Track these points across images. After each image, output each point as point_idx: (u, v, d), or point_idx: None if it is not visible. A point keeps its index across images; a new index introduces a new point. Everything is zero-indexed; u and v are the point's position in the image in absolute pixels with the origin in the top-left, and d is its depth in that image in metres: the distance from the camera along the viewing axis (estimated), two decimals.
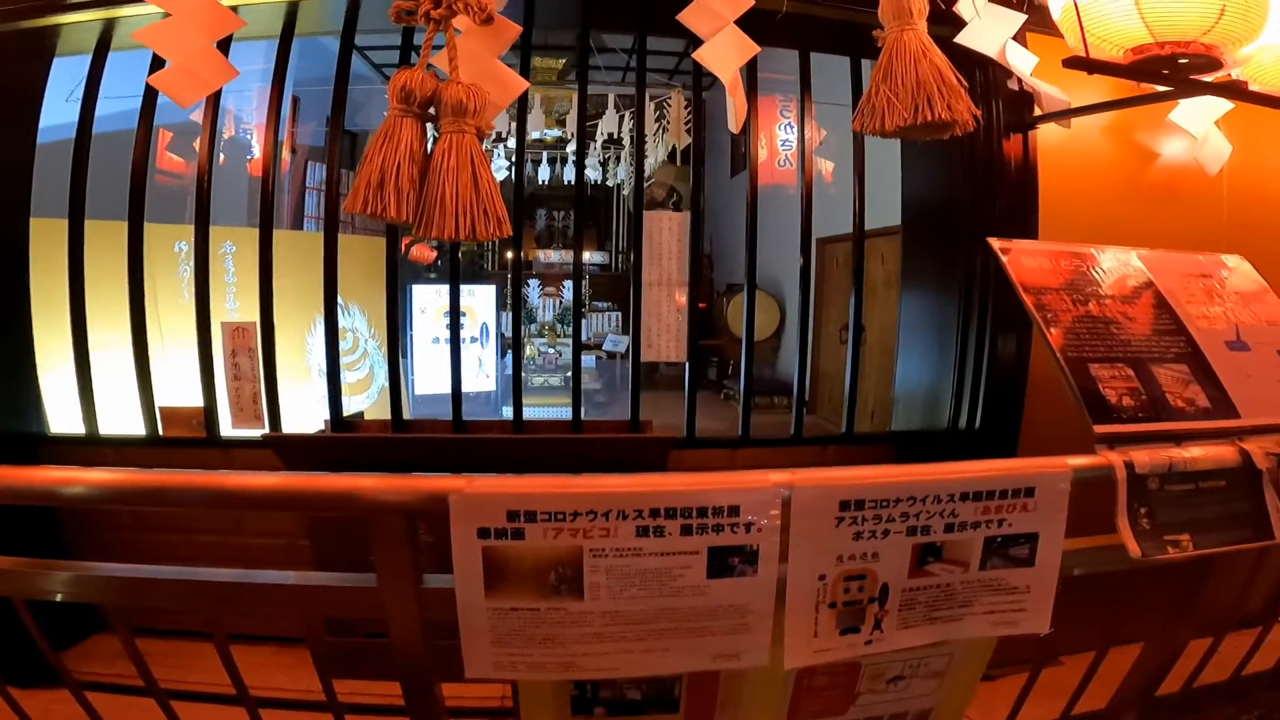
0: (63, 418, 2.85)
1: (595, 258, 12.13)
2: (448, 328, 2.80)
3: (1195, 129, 2.63)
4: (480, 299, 7.68)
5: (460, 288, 2.86)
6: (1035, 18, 2.03)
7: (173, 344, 3.53)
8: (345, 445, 2.50)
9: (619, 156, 9.63)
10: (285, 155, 7.08)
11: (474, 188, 1.27)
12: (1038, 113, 2.56)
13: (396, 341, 2.80)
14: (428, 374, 6.87)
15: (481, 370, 7.55)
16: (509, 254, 10.23)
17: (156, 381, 2.77)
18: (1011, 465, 1.15)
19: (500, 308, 7.80)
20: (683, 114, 6.70)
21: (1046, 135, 2.66)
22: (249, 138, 6.39)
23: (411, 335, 6.98)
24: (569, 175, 9.35)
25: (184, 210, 4.54)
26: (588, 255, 11.78)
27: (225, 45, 2.18)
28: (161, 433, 2.77)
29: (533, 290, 10.65)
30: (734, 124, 1.86)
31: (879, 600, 1.14)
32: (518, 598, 1.04)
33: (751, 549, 1.05)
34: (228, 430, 2.79)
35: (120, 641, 1.23)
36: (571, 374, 2.92)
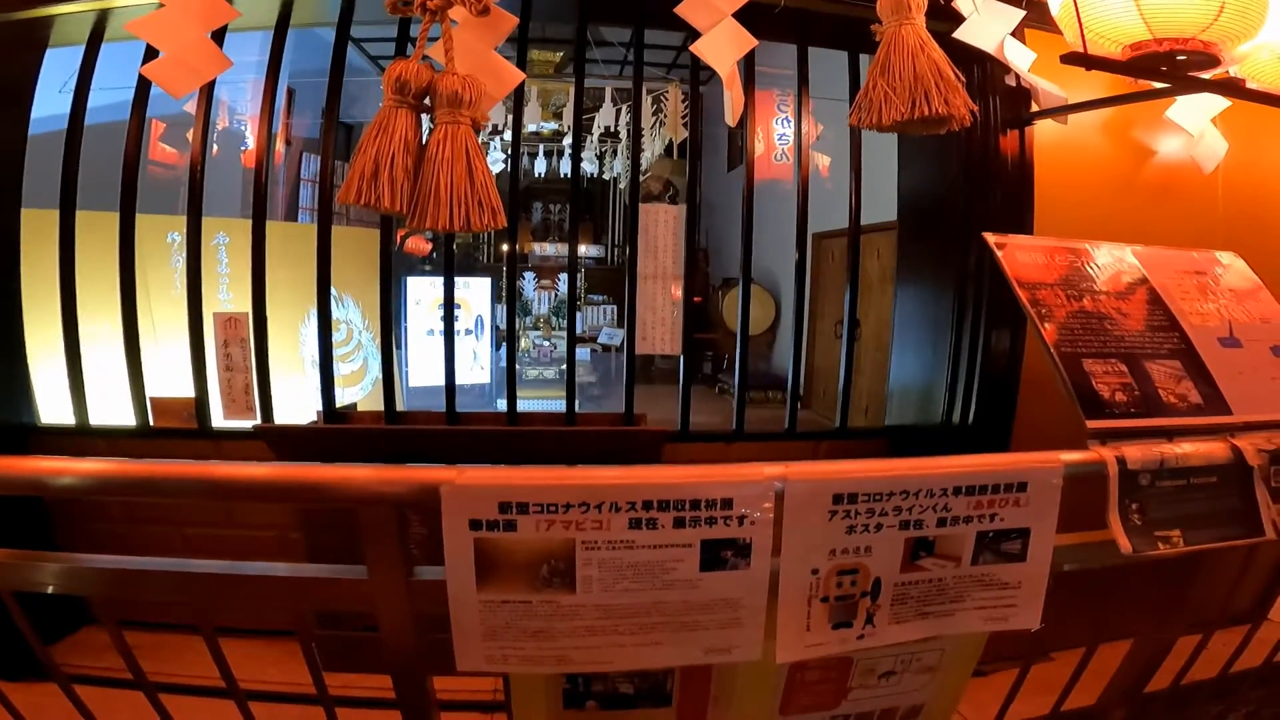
0: (53, 408, 2.84)
1: (591, 251, 12.12)
2: (443, 320, 2.79)
3: (1192, 126, 2.63)
4: (475, 291, 7.68)
5: (455, 280, 2.86)
6: (1034, 14, 2.02)
7: (165, 335, 3.52)
8: (337, 436, 2.50)
9: (616, 150, 9.61)
10: (280, 147, 7.04)
11: (469, 179, 1.26)
12: (1035, 109, 2.56)
13: (390, 333, 2.79)
14: (422, 366, 6.88)
15: (476, 363, 7.55)
16: (505, 247, 10.22)
17: (148, 372, 2.76)
18: (1004, 460, 1.15)
19: (495, 300, 7.79)
20: (680, 108, 6.69)
21: (1043, 131, 2.66)
22: (243, 129, 6.35)
23: (406, 327, 6.97)
24: (566, 168, 9.33)
25: (177, 201, 4.52)
26: (583, 248, 11.78)
27: (220, 36, 2.18)
28: (153, 423, 2.76)
29: (528, 283, 10.63)
30: (731, 118, 1.86)
31: (871, 595, 1.14)
32: (509, 590, 1.03)
33: (744, 542, 1.05)
34: (219, 421, 2.78)
35: (108, 634, 1.22)
36: (566, 367, 2.91)
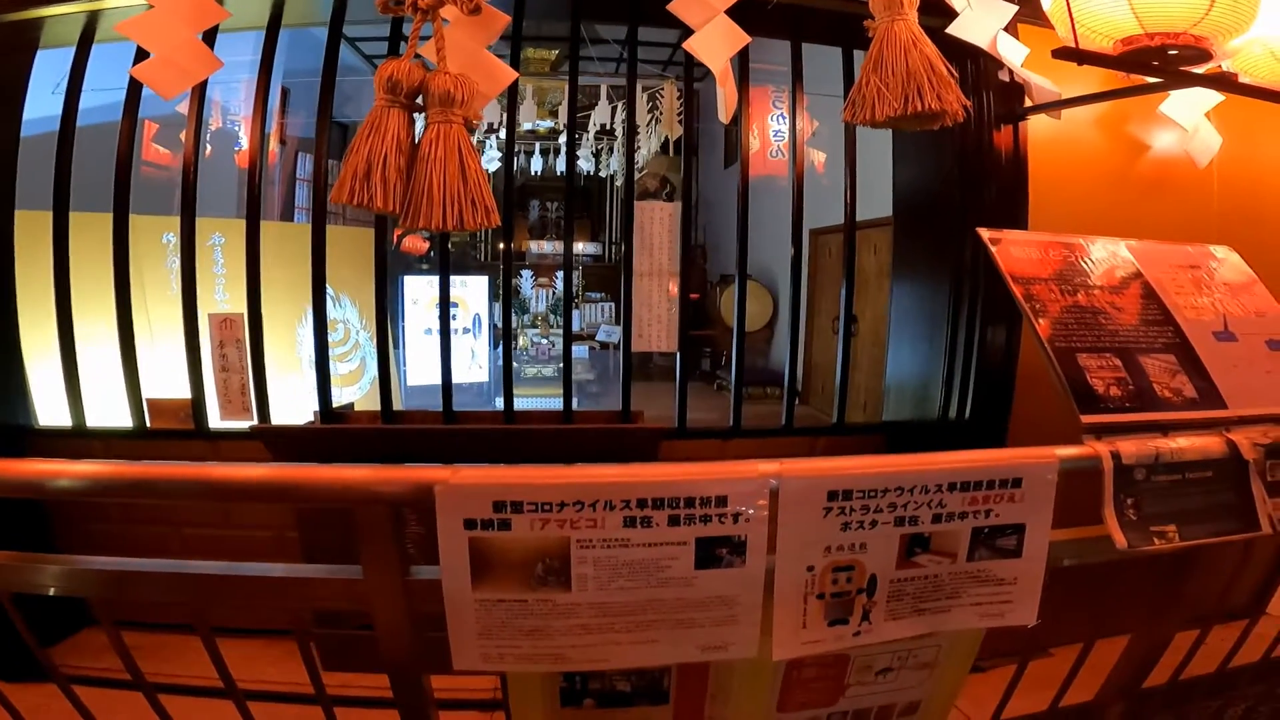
0: (50, 410, 2.84)
1: (588, 249, 12.09)
2: (440, 318, 2.79)
3: (1186, 121, 2.63)
4: (472, 290, 7.67)
5: (452, 279, 2.85)
6: (1026, 9, 2.02)
7: (161, 336, 3.51)
8: (333, 437, 2.50)
9: (612, 147, 9.60)
10: (274, 147, 7.03)
11: (461, 178, 1.26)
12: (1028, 104, 2.56)
13: (386, 333, 2.79)
14: (420, 365, 6.87)
15: (474, 361, 7.55)
16: (501, 245, 10.21)
17: (144, 373, 2.75)
18: (998, 455, 1.16)
19: (493, 299, 7.79)
20: (675, 105, 6.68)
21: (1037, 126, 2.66)
22: (237, 129, 6.34)
23: (403, 326, 6.97)
24: (562, 166, 9.32)
25: (172, 202, 4.51)
26: (581, 246, 11.75)
27: (211, 36, 2.17)
28: (149, 425, 2.75)
29: (525, 281, 10.62)
30: (724, 114, 1.86)
31: (867, 591, 1.14)
32: (505, 589, 1.03)
33: (739, 539, 1.05)
34: (216, 422, 2.78)
35: (106, 635, 1.22)
36: (563, 365, 2.91)
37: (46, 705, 1.29)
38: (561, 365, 3.05)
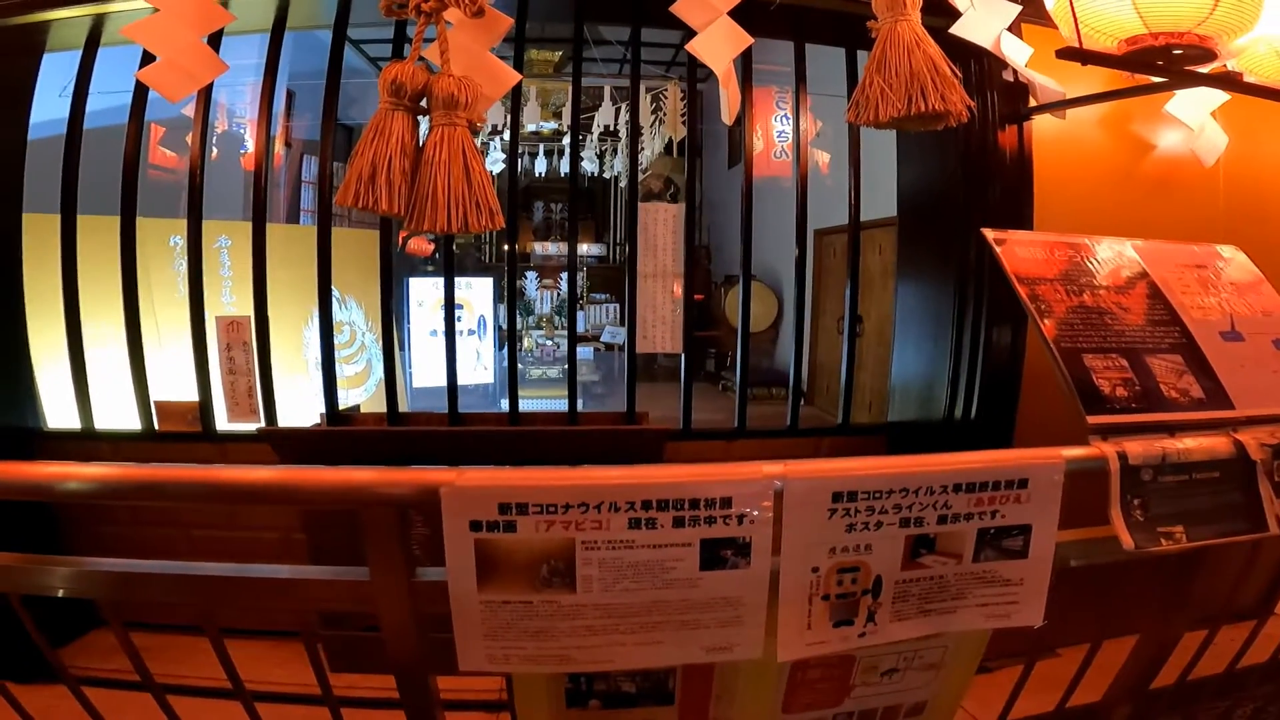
0: (59, 412, 2.85)
1: (593, 250, 12.09)
2: (445, 320, 2.79)
3: (1191, 120, 2.63)
4: (477, 292, 7.67)
5: (456, 280, 2.86)
6: (1030, 9, 2.02)
7: (169, 338, 3.52)
8: (340, 439, 2.50)
9: (616, 149, 9.60)
10: (280, 149, 7.05)
11: (466, 180, 1.27)
12: (1032, 104, 2.55)
13: (392, 334, 2.80)
14: (426, 367, 6.88)
15: (479, 363, 7.56)
16: (506, 247, 10.21)
17: (152, 376, 2.77)
18: (1004, 456, 1.15)
19: (498, 300, 7.79)
20: (679, 105, 6.68)
21: (1041, 126, 2.65)
22: (243, 132, 6.36)
23: (409, 328, 6.98)
24: (566, 168, 9.32)
25: (179, 204, 4.53)
26: (585, 247, 11.75)
27: (217, 39, 2.18)
28: (157, 427, 2.77)
29: (530, 283, 10.62)
30: (727, 116, 1.86)
31: (872, 592, 1.14)
32: (510, 590, 1.04)
33: (744, 541, 1.05)
34: (223, 424, 2.79)
35: (115, 636, 1.23)
36: (568, 366, 2.92)
37: (56, 706, 1.30)
38: (566, 367, 3.05)
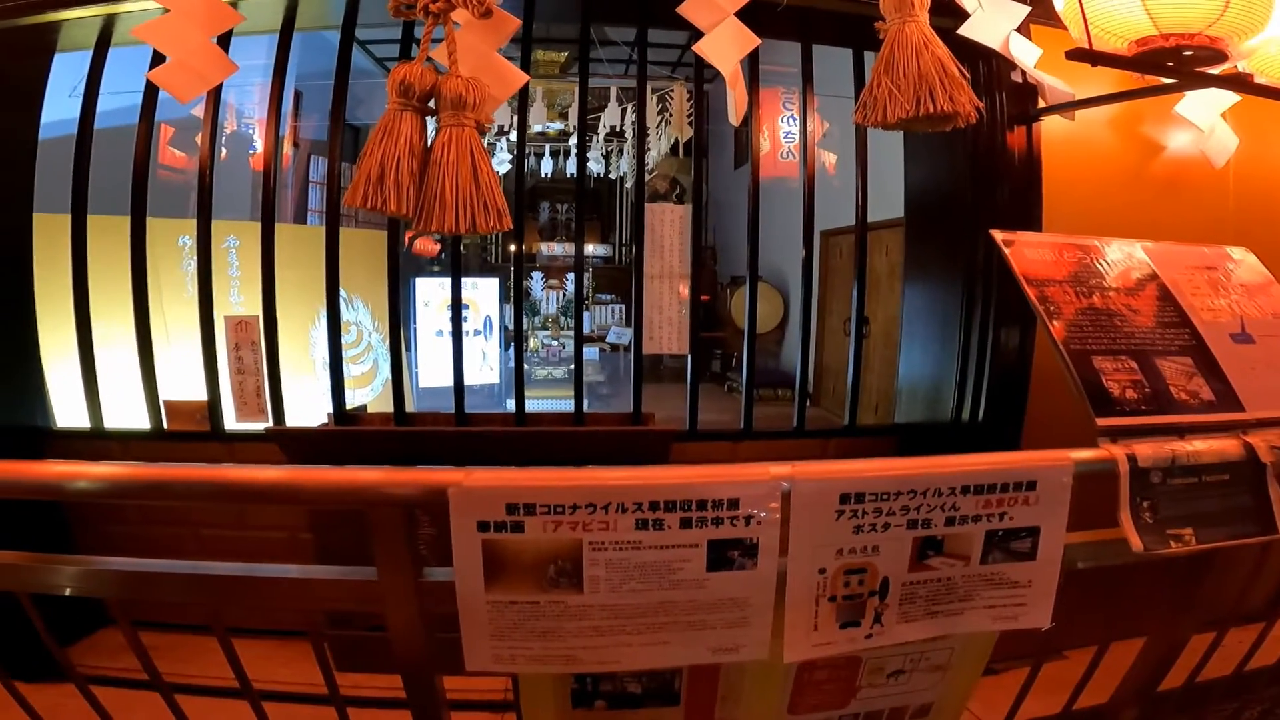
0: (68, 411, 2.87)
1: (599, 250, 12.11)
2: (452, 320, 2.80)
3: (1202, 121, 2.61)
4: (483, 292, 7.70)
5: (463, 281, 2.86)
6: (1039, 10, 2.02)
7: (178, 338, 3.54)
8: (347, 439, 2.51)
9: (622, 149, 9.61)
10: (288, 150, 7.08)
11: (474, 181, 1.27)
12: (1041, 105, 2.54)
13: (399, 335, 2.81)
14: (432, 367, 6.91)
15: (485, 363, 7.58)
16: (512, 247, 10.22)
17: (161, 375, 2.78)
18: (1013, 458, 1.15)
19: (504, 300, 7.81)
20: (685, 106, 6.69)
21: (1050, 127, 2.64)
22: (251, 132, 6.39)
23: (415, 328, 7.00)
24: (572, 168, 9.33)
25: (187, 205, 4.55)
26: (591, 248, 11.77)
27: (226, 40, 2.19)
28: (166, 427, 2.78)
29: (536, 283, 10.64)
30: (734, 117, 1.85)
31: (879, 594, 1.14)
32: (517, 591, 1.04)
33: (751, 542, 1.05)
34: (232, 424, 2.80)
35: (123, 635, 1.23)
36: (574, 367, 2.92)
37: (64, 705, 1.31)
38: (572, 367, 3.05)
